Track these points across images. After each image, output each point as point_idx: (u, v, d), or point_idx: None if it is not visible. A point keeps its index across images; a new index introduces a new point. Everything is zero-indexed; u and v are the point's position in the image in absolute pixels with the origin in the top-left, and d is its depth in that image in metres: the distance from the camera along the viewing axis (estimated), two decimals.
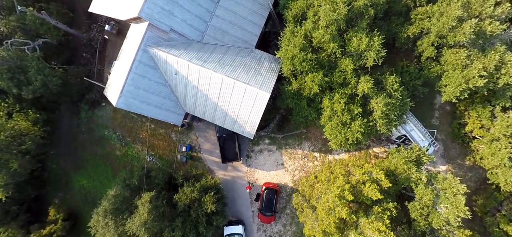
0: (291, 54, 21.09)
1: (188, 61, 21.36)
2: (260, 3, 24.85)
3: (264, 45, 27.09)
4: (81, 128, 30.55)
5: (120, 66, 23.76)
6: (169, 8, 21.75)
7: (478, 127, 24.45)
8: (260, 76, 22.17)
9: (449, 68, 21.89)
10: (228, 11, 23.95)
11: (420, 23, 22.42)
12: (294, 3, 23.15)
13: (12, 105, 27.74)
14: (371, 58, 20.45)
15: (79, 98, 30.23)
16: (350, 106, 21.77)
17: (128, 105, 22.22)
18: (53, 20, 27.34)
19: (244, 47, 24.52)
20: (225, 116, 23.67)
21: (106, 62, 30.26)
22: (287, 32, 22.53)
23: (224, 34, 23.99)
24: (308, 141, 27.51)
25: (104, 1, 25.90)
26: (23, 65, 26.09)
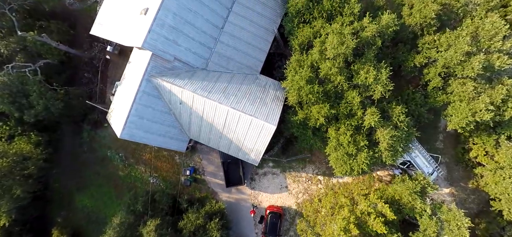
0: (297, 85, 20.89)
1: (193, 92, 21.10)
2: (265, 28, 24.50)
3: (268, 66, 26.78)
4: (84, 147, 30.36)
5: (123, 93, 23.44)
6: (173, 37, 21.39)
7: (482, 154, 24.49)
8: (265, 106, 21.98)
9: (456, 99, 21.79)
10: (233, 37, 23.61)
11: (428, 52, 22.20)
12: (300, 31, 22.84)
13: (14, 127, 27.42)
14: (378, 91, 20.28)
15: (81, 119, 29.97)
16: (356, 136, 21.69)
17: (132, 136, 22.01)
18: (54, 43, 26.88)
19: (249, 73, 24.24)
20: (230, 144, 23.55)
21: (108, 82, 29.89)
22: (293, 61, 22.27)
23: (229, 61, 23.69)
24: (312, 164, 27.50)
25: (106, 24, 25.42)
26: (24, 89, 25.77)
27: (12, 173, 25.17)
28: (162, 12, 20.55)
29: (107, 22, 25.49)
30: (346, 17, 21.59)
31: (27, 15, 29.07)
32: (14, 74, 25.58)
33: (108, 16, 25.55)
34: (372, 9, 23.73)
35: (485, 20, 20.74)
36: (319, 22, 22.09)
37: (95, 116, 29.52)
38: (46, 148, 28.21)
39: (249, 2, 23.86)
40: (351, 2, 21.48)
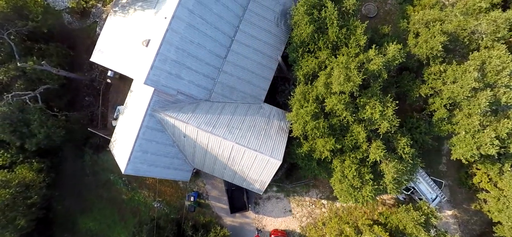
0: (303, 120, 20.71)
1: (196, 127, 20.90)
2: (269, 56, 24.18)
3: (271, 90, 26.38)
4: (86, 170, 30.23)
5: (126, 124, 23.21)
6: (176, 72, 21.06)
7: (485, 181, 24.56)
8: (270, 139, 21.84)
9: (461, 130, 21.70)
10: (236, 66, 23.28)
11: (433, 83, 22.00)
12: (304, 61, 22.53)
13: (15, 155, 27.16)
14: (384, 127, 20.15)
15: (83, 142, 29.73)
16: (361, 169, 21.64)
17: (136, 171, 21.89)
18: (54, 69, 26.44)
19: (252, 102, 24.01)
20: (235, 175, 23.48)
21: (109, 106, 29.57)
22: (298, 93, 22.04)
23: (232, 90, 23.42)
24: (316, 188, 27.54)
25: (106, 51, 25.03)
26: (25, 118, 25.44)
27: (16, 204, 25.04)
28: (164, 47, 20.18)
29: (107, 49, 25.11)
30: (351, 48, 21.28)
31: (25, 38, 28.56)
32: (14, 103, 25.18)
33: (109, 43, 25.17)
34: (377, 37, 23.47)
35: (492, 52, 20.51)
36: (324, 53, 21.78)
37: (97, 140, 29.29)
38: (48, 174, 28.07)
39: (253, 30, 23.47)
40: (357, 33, 21.14)
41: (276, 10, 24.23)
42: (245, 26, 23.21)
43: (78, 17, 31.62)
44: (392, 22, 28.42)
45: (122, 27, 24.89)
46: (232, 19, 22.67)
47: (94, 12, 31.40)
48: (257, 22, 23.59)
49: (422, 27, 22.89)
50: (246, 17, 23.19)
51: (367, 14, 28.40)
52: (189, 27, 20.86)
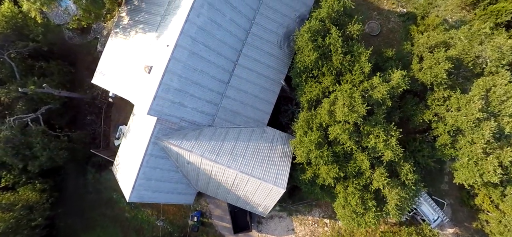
0: (307, 149, 20.71)
1: (200, 155, 20.87)
2: (272, 79, 24.06)
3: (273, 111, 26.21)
4: (88, 188, 30.34)
5: (129, 149, 23.19)
6: (179, 100, 20.95)
7: (487, 203, 24.70)
8: (274, 166, 21.86)
9: (464, 157, 21.73)
10: (239, 91, 23.17)
11: (437, 109, 21.96)
12: (308, 87, 22.42)
13: (18, 176, 27.17)
14: (387, 156, 20.16)
15: (85, 161, 29.74)
16: (364, 195, 21.73)
17: (140, 198, 21.94)
18: (55, 91, 26.29)
19: (256, 126, 23.97)
20: (238, 199, 23.59)
21: (111, 125, 29.52)
22: (301, 120, 21.97)
23: (235, 115, 23.35)
24: (319, 208, 27.69)
25: (108, 74, 24.86)
26: (27, 141, 25.40)
27: (20, 227, 25.14)
28: (167, 76, 20.04)
29: (109, 71, 24.94)
30: (355, 75, 21.16)
31: (26, 56, 28.38)
32: (16, 126, 25.11)
33: (110, 65, 24.99)
34: (381, 60, 23.33)
35: (497, 79, 20.46)
36: (328, 79, 21.66)
37: (100, 159, 29.27)
38: (51, 194, 28.16)
39: (256, 54, 23.31)
40: (361, 60, 21.01)
41: (280, 33, 24.04)
42: (248, 50, 23.04)
43: (78, 32, 31.40)
44: (395, 40, 28.26)
45: (123, 49, 24.69)
46: (235, 44, 22.48)
47: (94, 28, 31.15)
48: (260, 45, 23.42)
49: (426, 52, 22.75)
50: (249, 40, 23.01)
51: (370, 32, 28.20)
52: (192, 55, 20.69)
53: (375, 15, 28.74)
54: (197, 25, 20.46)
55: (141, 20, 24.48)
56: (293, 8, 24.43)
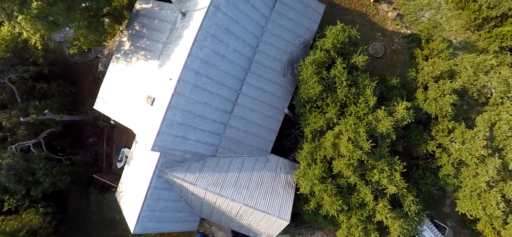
0: (311, 183, 20.72)
1: (204, 189, 20.89)
2: (275, 107, 23.92)
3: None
4: (92, 208, 30.41)
5: (133, 179, 23.18)
6: (182, 134, 20.84)
7: (489, 230, 24.86)
8: (277, 197, 21.90)
9: (467, 188, 21.75)
10: (243, 120, 23.04)
11: (441, 139, 21.89)
12: (312, 117, 22.30)
13: (21, 200, 27.19)
14: (391, 190, 20.19)
15: (88, 183, 29.76)
16: (367, 225, 21.82)
17: (145, 229, 21.99)
18: (57, 116, 26.13)
19: (259, 155, 23.91)
20: (242, 227, 23.68)
21: (114, 147, 29.43)
22: (306, 151, 21.92)
23: (239, 145, 23.27)
24: (321, 230, 27.87)
25: (109, 101, 24.69)
26: (30, 167, 25.38)
27: None
28: (170, 112, 19.88)
29: (110, 98, 24.78)
30: (360, 107, 21.01)
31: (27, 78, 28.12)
32: (18, 153, 25.03)
33: (112, 91, 24.83)
34: (385, 89, 23.15)
35: (502, 113, 20.36)
36: (333, 110, 21.51)
37: (102, 181, 29.27)
38: (54, 217, 28.22)
39: (259, 82, 23.11)
40: (366, 93, 20.84)
41: (283, 60, 23.80)
42: (252, 79, 22.83)
43: (79, 51, 31.02)
44: (399, 62, 28.03)
45: (125, 76, 24.47)
46: (238, 73, 22.27)
47: (95, 47, 30.76)
48: (263, 73, 23.20)
49: (431, 81, 22.57)
50: (252, 69, 22.78)
51: (374, 54, 27.93)
52: (195, 88, 20.50)
53: (379, 36, 28.42)
54: (200, 58, 20.22)
55: (142, 46, 24.20)
56: (297, 34, 24.14)
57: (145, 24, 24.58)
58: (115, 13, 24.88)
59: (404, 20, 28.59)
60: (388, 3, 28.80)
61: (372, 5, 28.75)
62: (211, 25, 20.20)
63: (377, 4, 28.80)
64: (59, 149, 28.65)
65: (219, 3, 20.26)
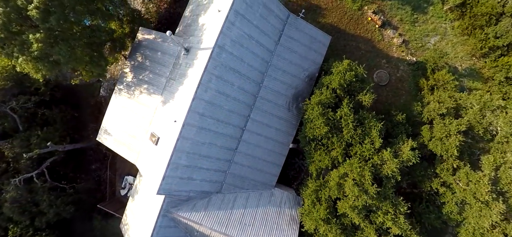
0: (315, 223, 20.85)
1: (210, 228, 21.01)
2: (280, 142, 23.83)
3: None
4: (96, 233, 30.54)
5: (138, 215, 23.22)
6: (188, 175, 20.79)
7: None
8: (282, 234, 22.04)
9: (470, 227, 21.94)
10: (247, 156, 22.99)
11: (446, 178, 21.95)
12: (317, 155, 22.25)
13: (25, 229, 27.26)
14: (395, 231, 20.35)
15: (91, 208, 29.82)
16: None
17: None
18: (60, 147, 25.97)
19: (263, 189, 23.95)
20: None
21: (117, 174, 29.37)
22: (311, 189, 21.96)
23: (243, 180, 23.27)
24: None
25: (113, 133, 24.49)
26: (34, 199, 25.39)
27: None
28: (175, 155, 19.75)
29: (113, 130, 24.61)
30: (365, 148, 20.95)
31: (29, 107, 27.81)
32: (22, 186, 24.97)
33: (114, 124, 24.63)
34: (390, 126, 23.05)
35: (507, 155, 20.39)
36: (338, 150, 21.46)
37: None
38: None
39: (264, 118, 22.95)
40: (372, 134, 20.75)
41: (288, 94, 23.59)
42: (256, 115, 22.67)
43: None
44: (404, 90, 27.83)
45: (128, 109, 24.22)
46: (243, 110, 22.09)
47: None
48: (268, 109, 23.02)
49: (437, 118, 22.46)
50: (257, 105, 22.59)
51: (379, 82, 27.69)
52: (200, 130, 20.34)
53: (384, 63, 28.12)
54: (205, 100, 19.99)
55: (145, 79, 23.88)
56: (302, 68, 23.86)
57: (148, 56, 24.18)
58: (116, 43, 24.41)
59: (410, 47, 28.25)
60: (394, 29, 28.39)
61: (377, 31, 28.34)
62: (216, 66, 19.89)
63: (383, 29, 28.40)
64: (62, 174, 28.61)
65: (224, 43, 19.91)
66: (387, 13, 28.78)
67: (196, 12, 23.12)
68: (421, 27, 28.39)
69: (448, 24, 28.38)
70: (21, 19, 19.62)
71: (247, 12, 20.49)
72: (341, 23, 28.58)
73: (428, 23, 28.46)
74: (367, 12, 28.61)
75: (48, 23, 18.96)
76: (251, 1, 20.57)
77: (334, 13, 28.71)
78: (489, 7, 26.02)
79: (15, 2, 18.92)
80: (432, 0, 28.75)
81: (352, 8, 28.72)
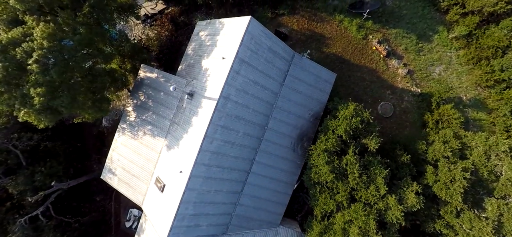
0: None
1: None
2: (285, 182, 23.89)
3: None
4: None
5: None
6: (194, 223, 20.88)
7: None
8: None
9: None
10: (253, 198, 23.07)
11: (449, 219, 22.17)
12: (322, 198, 22.35)
13: None
14: None
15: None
16: None
17: None
18: (64, 184, 25.92)
19: (268, 227, 24.15)
20: None
21: (121, 207, 29.46)
22: (316, 234, 22.16)
23: (249, 220, 23.43)
24: None
25: (117, 173, 24.42)
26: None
27: None
28: (182, 207, 19.79)
29: (117, 170, 24.53)
30: (370, 194, 21.05)
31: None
32: (28, 225, 25.04)
33: (118, 163, 24.51)
34: (394, 166, 23.08)
35: (510, 202, 20.56)
36: (343, 195, 21.52)
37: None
38: None
39: (269, 160, 22.91)
40: (377, 181, 20.79)
41: (293, 135, 23.48)
42: (261, 157, 22.61)
43: None
44: (408, 122, 27.71)
45: (132, 149, 24.06)
46: (248, 155, 22.01)
47: None
48: (273, 150, 22.95)
49: (442, 159, 22.46)
50: (262, 147, 22.50)
51: (383, 114, 27.55)
52: (206, 180, 20.31)
53: (388, 94, 27.90)
54: (210, 152, 19.88)
55: (149, 120, 23.63)
56: (308, 107, 23.66)
57: (151, 96, 23.86)
58: (119, 82, 23.99)
59: (414, 77, 27.98)
60: (398, 59, 28.05)
61: (382, 61, 28.00)
62: (221, 117, 19.68)
63: (387, 59, 28.04)
64: (66, 205, 28.68)
65: (229, 94, 19.63)
66: (392, 41, 28.36)
67: (199, 53, 22.68)
68: (426, 56, 28.05)
69: (453, 53, 28.07)
70: (21, 70, 19.19)
71: (252, 59, 20.12)
72: (345, 52, 28.18)
73: (433, 52, 28.12)
74: (371, 41, 28.20)
75: (49, 76, 18.57)
76: (256, 47, 20.17)
77: (339, 43, 28.26)
78: (496, 39, 25.71)
79: (14, 55, 18.47)
80: (437, 28, 28.35)
81: (356, 37, 28.27)
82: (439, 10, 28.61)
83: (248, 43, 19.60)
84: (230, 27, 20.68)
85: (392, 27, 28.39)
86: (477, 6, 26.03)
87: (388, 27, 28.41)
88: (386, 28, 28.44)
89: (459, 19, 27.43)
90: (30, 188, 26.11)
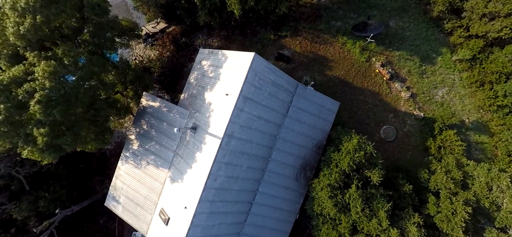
0: None
1: None
2: (287, 211, 24.08)
3: None
4: None
5: None
6: None
7: None
8: None
9: None
10: (255, 227, 23.27)
11: None
12: (324, 229, 22.55)
13: None
14: None
15: None
16: None
17: None
18: (68, 211, 26.06)
19: None
20: None
21: (125, 229, 29.69)
22: None
23: None
24: None
25: (121, 201, 24.55)
26: None
27: None
28: None
29: (121, 198, 24.63)
30: (372, 227, 21.26)
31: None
32: None
33: (122, 192, 24.61)
34: (397, 196, 23.23)
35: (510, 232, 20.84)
36: (346, 227, 21.73)
37: None
38: None
39: (272, 190, 23.04)
40: (380, 214, 20.98)
41: (296, 165, 23.55)
42: (264, 188, 22.73)
43: None
44: (411, 145, 27.74)
45: (135, 178, 24.12)
46: (252, 186, 22.13)
47: None
48: (276, 181, 23.06)
49: (444, 190, 22.63)
50: (265, 178, 22.59)
51: (386, 138, 27.57)
52: (211, 215, 20.46)
53: (391, 117, 27.87)
54: (215, 188, 19.97)
55: (152, 150, 23.62)
56: (311, 137, 23.66)
57: (153, 125, 23.80)
58: (121, 111, 23.87)
59: (417, 100, 27.91)
60: (401, 82, 27.93)
61: (385, 84, 27.88)
62: (225, 155, 19.69)
63: (391, 82, 27.92)
64: (70, 227, 28.91)
65: (233, 131, 19.60)
66: (395, 64, 28.19)
67: (202, 84, 22.52)
68: (429, 79, 27.94)
69: (456, 75, 27.96)
70: (23, 109, 19.06)
71: (255, 95, 20.01)
72: (348, 75, 28.02)
73: (437, 74, 28.00)
74: (374, 64, 28.03)
75: (51, 116, 18.47)
76: (260, 82, 20.04)
77: (342, 65, 28.08)
78: (500, 65, 25.58)
79: (16, 95, 18.33)
80: (441, 50, 28.18)
81: (359, 60, 28.07)
82: (443, 31, 28.37)
83: (252, 80, 19.46)
84: (233, 62, 20.49)
85: (395, 49, 28.17)
86: (481, 31, 25.80)
87: (391, 49, 28.20)
88: (389, 50, 28.23)
89: (463, 42, 27.22)
90: (34, 214, 26.28)
